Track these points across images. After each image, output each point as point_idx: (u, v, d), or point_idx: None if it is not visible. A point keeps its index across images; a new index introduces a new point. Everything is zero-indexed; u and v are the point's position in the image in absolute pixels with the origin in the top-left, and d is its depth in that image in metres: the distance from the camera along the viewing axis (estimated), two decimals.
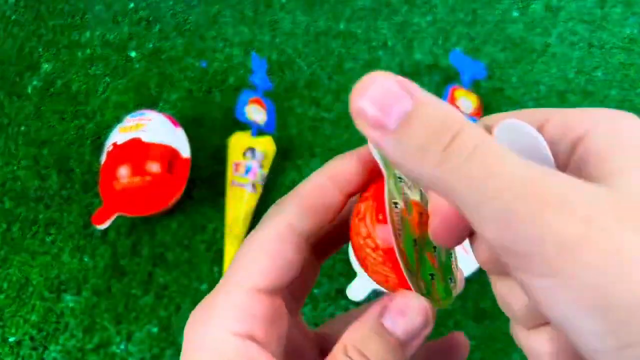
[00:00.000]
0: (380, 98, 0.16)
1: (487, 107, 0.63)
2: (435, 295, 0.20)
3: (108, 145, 0.57)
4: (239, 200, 0.57)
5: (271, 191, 0.60)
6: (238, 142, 0.59)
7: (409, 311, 0.19)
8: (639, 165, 0.15)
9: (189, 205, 0.59)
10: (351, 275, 0.55)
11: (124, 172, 0.54)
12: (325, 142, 0.63)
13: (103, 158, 0.56)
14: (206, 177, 0.61)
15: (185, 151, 0.58)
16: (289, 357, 0.21)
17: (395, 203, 0.20)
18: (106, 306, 0.55)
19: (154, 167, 0.55)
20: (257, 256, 0.19)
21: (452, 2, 0.72)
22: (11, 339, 0.54)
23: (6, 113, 0.66)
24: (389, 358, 0.19)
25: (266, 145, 0.59)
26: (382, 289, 0.21)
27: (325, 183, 0.20)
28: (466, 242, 0.19)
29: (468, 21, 0.70)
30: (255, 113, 0.60)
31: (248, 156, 0.58)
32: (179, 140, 0.58)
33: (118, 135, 0.56)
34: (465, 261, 0.44)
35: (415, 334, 0.19)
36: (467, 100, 0.60)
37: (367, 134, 0.16)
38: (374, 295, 0.54)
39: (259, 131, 0.59)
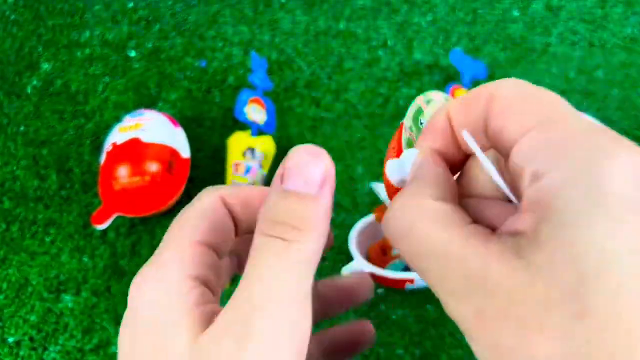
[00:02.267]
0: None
1: None
2: None
3: (107, 145, 0.56)
4: None
5: None
6: (238, 142, 0.59)
7: (304, 165, 0.19)
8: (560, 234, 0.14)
9: None
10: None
11: (123, 172, 0.54)
12: (325, 142, 0.63)
13: (102, 158, 0.56)
14: (206, 177, 0.61)
15: (184, 151, 0.58)
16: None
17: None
18: (105, 306, 0.55)
19: (154, 167, 0.54)
20: (197, 217, 0.20)
21: (453, 2, 0.72)
22: (10, 340, 0.54)
23: (5, 113, 0.66)
24: (305, 213, 0.19)
25: (266, 145, 0.59)
26: (376, 271, 0.22)
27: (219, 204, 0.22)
28: None
29: (468, 21, 0.70)
30: (255, 113, 0.60)
31: (248, 156, 0.58)
32: (178, 140, 0.58)
33: (117, 135, 0.56)
34: None
35: (320, 182, 0.19)
36: None
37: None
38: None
39: (258, 131, 0.59)
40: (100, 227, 0.55)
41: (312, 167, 0.19)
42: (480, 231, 0.17)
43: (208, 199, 0.21)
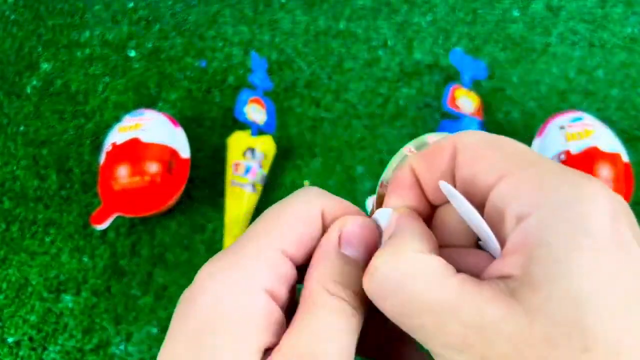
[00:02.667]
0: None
1: (488, 106, 0.63)
2: None
3: (107, 145, 0.56)
4: (239, 200, 0.57)
5: (271, 191, 0.60)
6: (238, 142, 0.59)
7: (362, 233, 0.20)
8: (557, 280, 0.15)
9: (188, 205, 0.59)
10: None
11: (123, 172, 0.54)
12: (325, 142, 0.63)
13: (102, 158, 0.56)
14: (206, 177, 0.61)
15: (184, 151, 0.58)
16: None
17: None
18: (105, 306, 0.55)
19: (153, 167, 0.54)
20: (293, 224, 0.20)
21: (453, 2, 0.72)
22: (10, 340, 0.54)
23: (5, 113, 0.66)
24: (364, 284, 0.19)
25: (266, 145, 0.59)
26: None
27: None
28: None
29: (468, 21, 0.70)
30: (255, 113, 0.59)
31: (248, 156, 0.58)
32: (178, 140, 0.58)
33: (117, 135, 0.56)
34: None
35: (374, 250, 0.19)
36: (468, 100, 0.60)
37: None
38: None
39: (258, 131, 0.59)
40: (100, 227, 0.55)
41: (367, 233, 0.20)
42: (470, 279, 0.17)
43: (309, 208, 0.20)
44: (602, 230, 0.15)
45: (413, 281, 0.17)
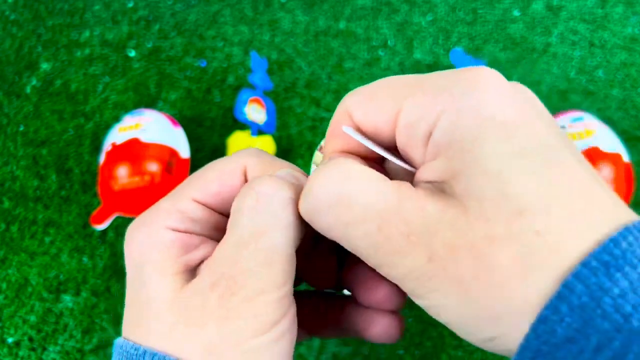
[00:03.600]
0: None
1: None
2: None
3: (107, 145, 0.56)
4: None
5: None
6: (237, 142, 0.59)
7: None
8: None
9: None
10: None
11: (122, 172, 0.54)
12: None
13: (102, 158, 0.56)
14: None
15: (184, 151, 0.58)
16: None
17: None
18: (105, 307, 0.55)
19: (153, 167, 0.54)
20: (210, 177, 0.22)
21: (453, 2, 0.71)
22: (10, 340, 0.54)
23: (5, 113, 0.66)
24: (288, 179, 0.21)
25: (266, 145, 0.59)
26: None
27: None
28: None
29: (468, 20, 0.70)
30: (255, 113, 0.59)
31: None
32: (178, 140, 0.58)
33: (117, 135, 0.56)
34: None
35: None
36: None
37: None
38: None
39: (258, 131, 0.59)
40: (100, 227, 0.55)
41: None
42: (404, 183, 0.18)
43: (229, 163, 0.22)
44: (501, 109, 0.17)
45: (352, 188, 0.17)
